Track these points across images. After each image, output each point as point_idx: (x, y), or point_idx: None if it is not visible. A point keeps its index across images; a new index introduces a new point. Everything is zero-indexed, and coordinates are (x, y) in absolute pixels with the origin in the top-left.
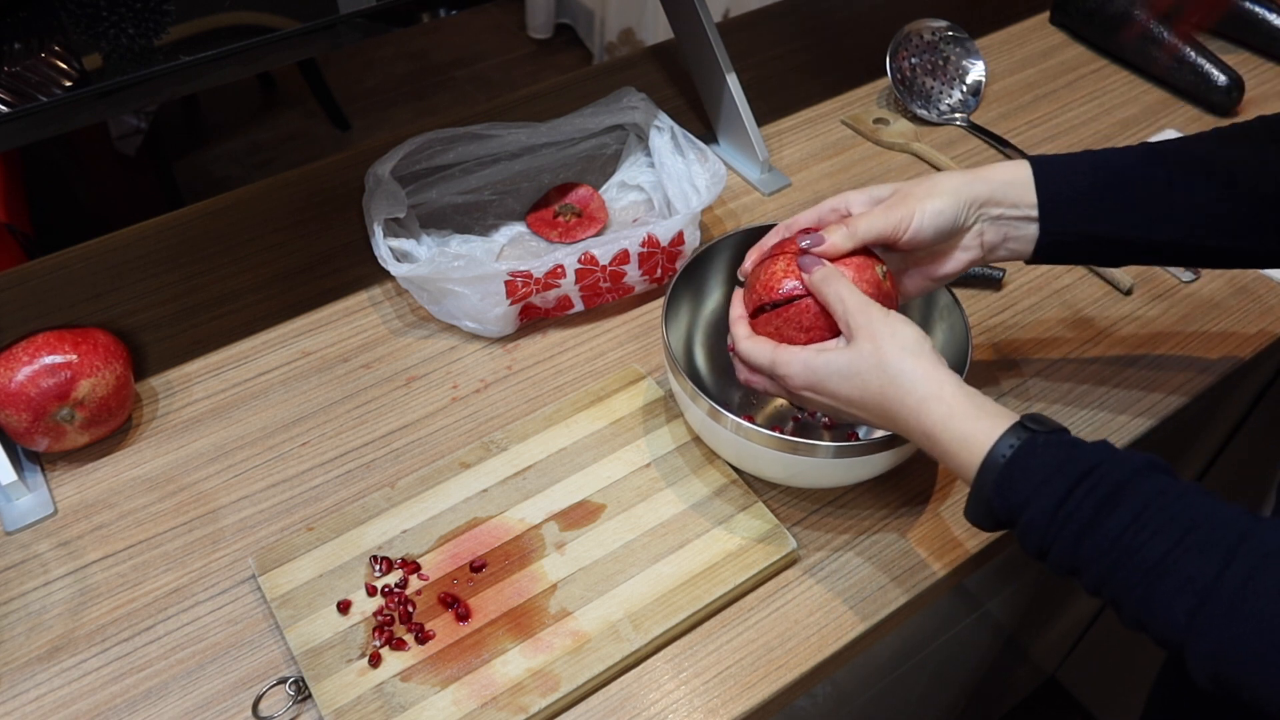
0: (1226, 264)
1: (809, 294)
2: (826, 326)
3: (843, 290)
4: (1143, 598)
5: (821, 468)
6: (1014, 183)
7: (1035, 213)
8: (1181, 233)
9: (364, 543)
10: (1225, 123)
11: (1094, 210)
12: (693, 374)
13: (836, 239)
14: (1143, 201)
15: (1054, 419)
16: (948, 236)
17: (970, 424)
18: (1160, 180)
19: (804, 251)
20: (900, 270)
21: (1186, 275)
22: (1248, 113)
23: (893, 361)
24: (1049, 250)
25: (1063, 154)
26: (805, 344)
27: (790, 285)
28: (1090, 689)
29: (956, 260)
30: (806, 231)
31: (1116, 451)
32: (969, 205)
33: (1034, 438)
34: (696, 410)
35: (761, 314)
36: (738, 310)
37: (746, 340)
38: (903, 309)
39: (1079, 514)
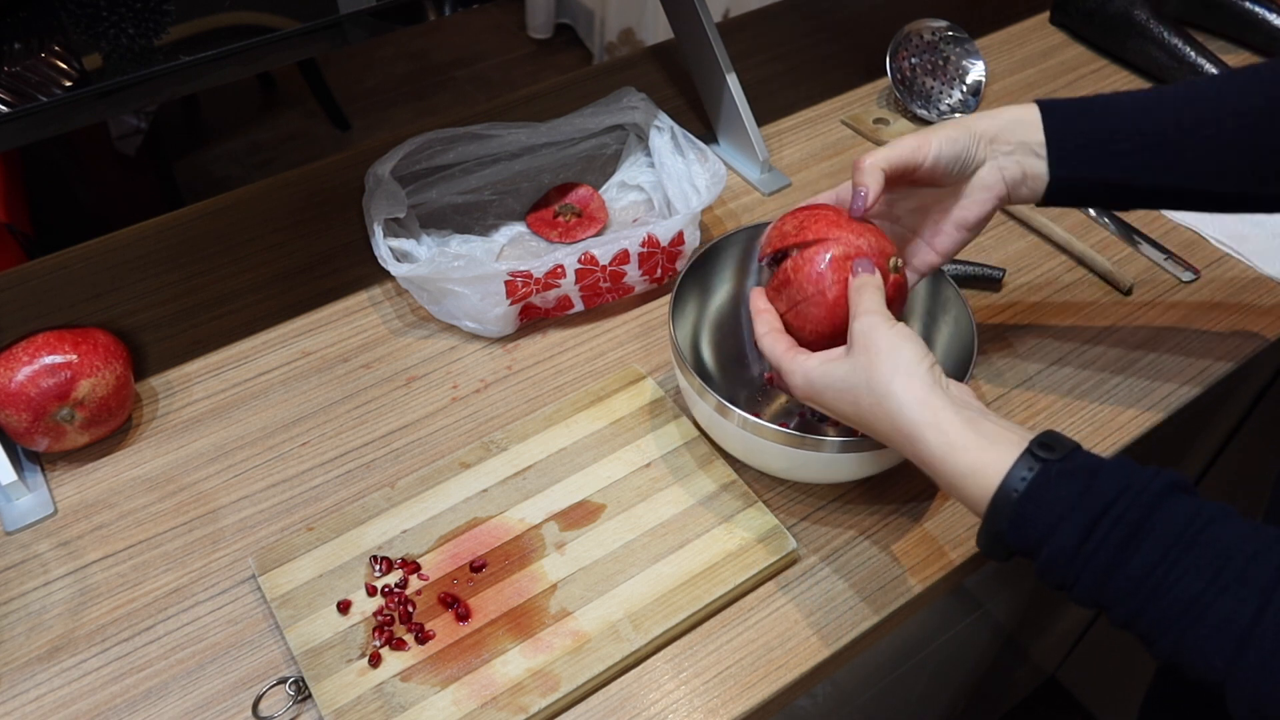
0: (1234, 209)
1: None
2: (836, 316)
3: (863, 301)
4: (1177, 639)
5: (828, 462)
6: (1021, 121)
7: (1044, 151)
8: (1190, 180)
9: (364, 543)
10: None
11: (1102, 155)
12: (699, 370)
13: (870, 182)
14: (1152, 147)
15: (1062, 431)
16: (962, 168)
17: (975, 456)
18: (1170, 126)
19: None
20: (932, 232)
21: (1186, 275)
22: None
23: (881, 382)
24: (1058, 195)
25: (1071, 98)
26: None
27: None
28: (1090, 689)
29: (983, 200)
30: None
31: (1137, 474)
32: (977, 138)
33: (1047, 468)
34: (704, 405)
35: (779, 261)
36: (760, 304)
37: (765, 337)
38: (907, 309)
39: (1102, 551)
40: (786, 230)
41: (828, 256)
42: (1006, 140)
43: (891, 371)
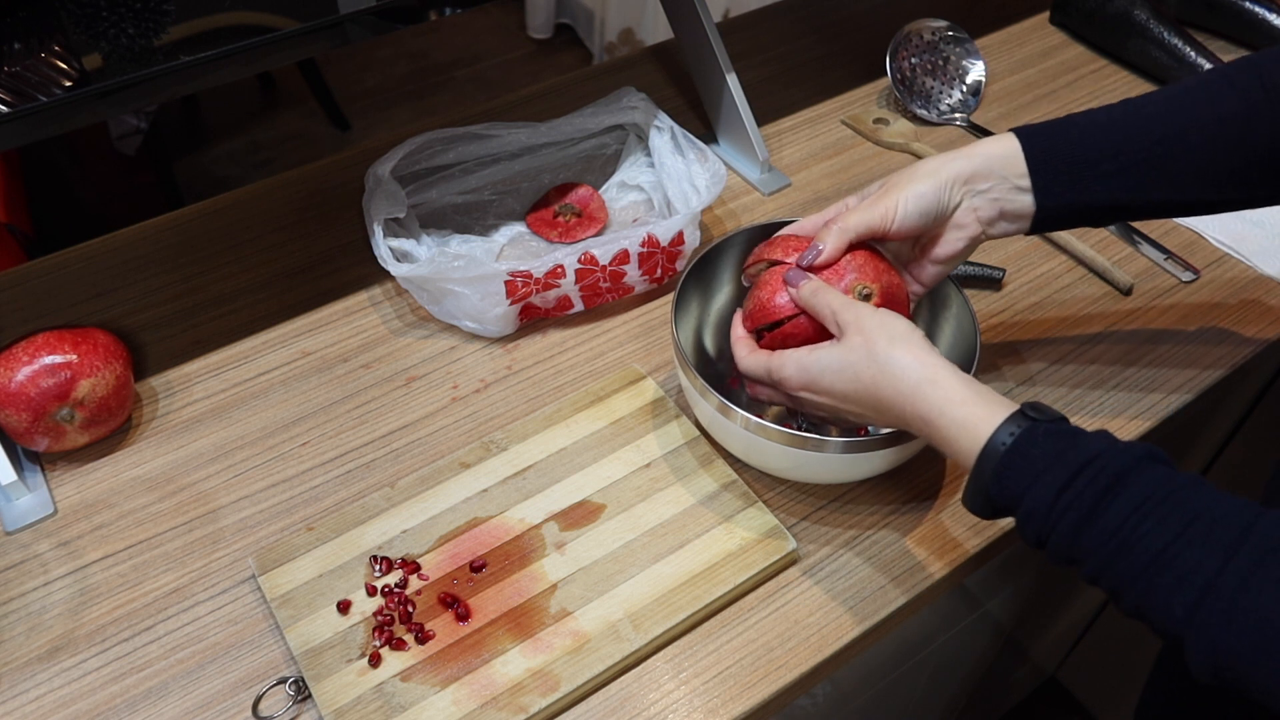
0: (1220, 211)
1: (801, 311)
2: (825, 336)
3: (829, 297)
4: (1143, 590)
5: (830, 462)
6: (1001, 156)
7: (1027, 183)
8: (1176, 192)
9: (364, 543)
10: None
11: (1087, 179)
12: (701, 370)
13: (830, 241)
14: (1136, 166)
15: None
16: (935, 218)
17: (968, 410)
18: (1153, 141)
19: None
20: (909, 262)
21: (1186, 275)
22: None
23: (881, 349)
24: (1046, 223)
25: (1048, 121)
26: None
27: (782, 301)
28: (1090, 689)
29: (955, 240)
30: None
31: (1117, 442)
32: (950, 184)
33: (1034, 426)
34: (706, 405)
35: (762, 335)
36: (738, 331)
37: (746, 358)
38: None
39: (1078, 504)
40: (757, 311)
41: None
42: (985, 178)
43: (889, 341)
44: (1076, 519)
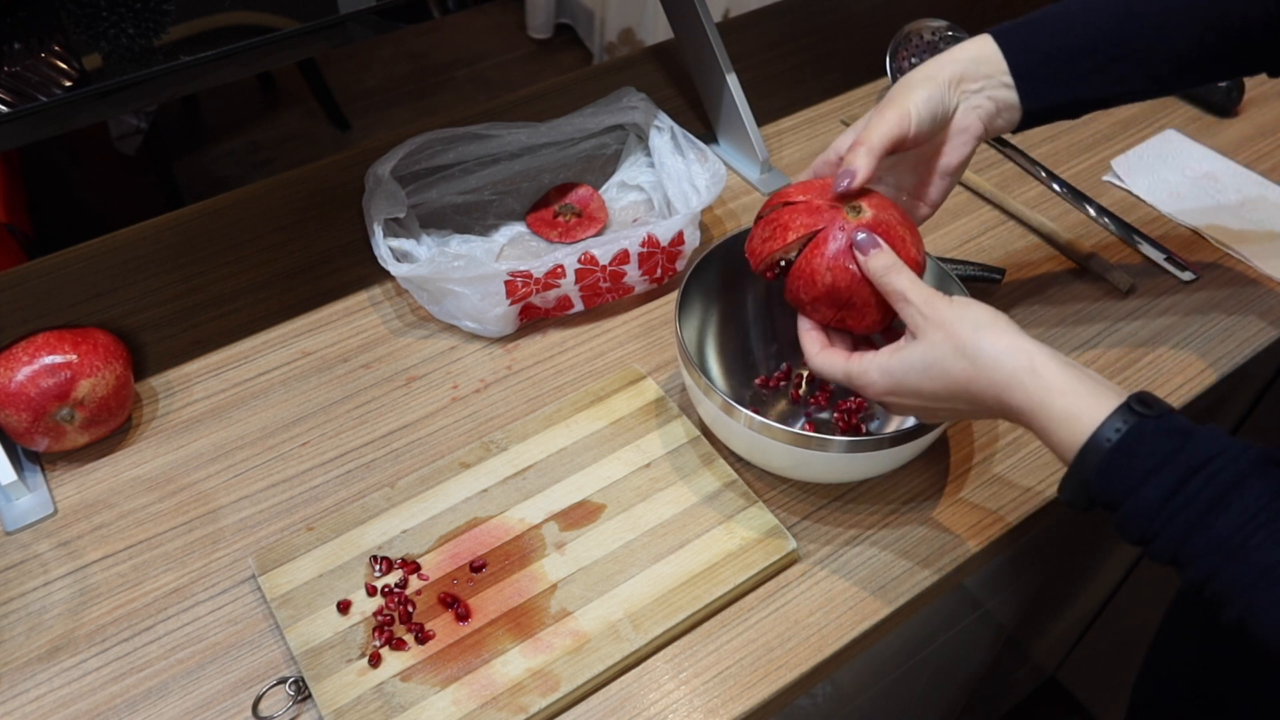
0: (1197, 87)
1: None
2: (884, 304)
3: (904, 284)
4: (1249, 603)
5: (833, 462)
6: (981, 58)
7: (1011, 80)
8: (1156, 81)
9: (364, 543)
10: (1225, 123)
11: (1069, 79)
12: (704, 369)
13: (861, 162)
14: (1115, 61)
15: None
16: (941, 122)
17: (1071, 401)
18: (1132, 33)
19: (838, 221)
20: (919, 184)
21: (1186, 275)
22: (1248, 113)
23: (969, 341)
24: (1033, 123)
25: (1021, 20)
26: (871, 321)
27: (831, 267)
28: (1090, 689)
29: (960, 146)
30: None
31: (1231, 442)
32: (947, 85)
33: (1143, 423)
34: (709, 405)
35: (775, 270)
36: (806, 324)
37: (819, 356)
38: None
39: (1188, 509)
40: (768, 237)
41: (834, 250)
42: (973, 78)
43: (974, 330)
44: (1185, 524)
